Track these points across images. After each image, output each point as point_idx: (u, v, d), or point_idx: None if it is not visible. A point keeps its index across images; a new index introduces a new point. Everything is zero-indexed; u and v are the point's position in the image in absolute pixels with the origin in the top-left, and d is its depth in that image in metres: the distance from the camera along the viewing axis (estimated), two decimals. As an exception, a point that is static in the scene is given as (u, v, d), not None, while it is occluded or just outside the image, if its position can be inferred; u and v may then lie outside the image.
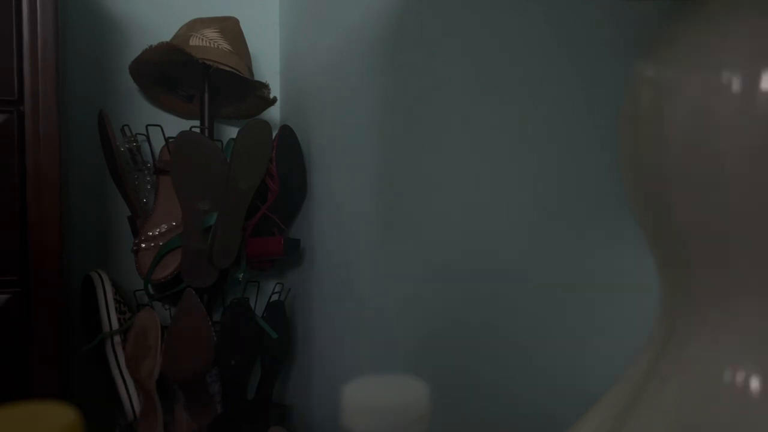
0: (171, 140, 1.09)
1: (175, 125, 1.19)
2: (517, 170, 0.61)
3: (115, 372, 1.07)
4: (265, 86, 1.13)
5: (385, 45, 0.84)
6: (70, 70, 1.16)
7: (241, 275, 1.12)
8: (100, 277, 1.09)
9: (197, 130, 1.12)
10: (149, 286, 1.09)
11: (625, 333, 0.49)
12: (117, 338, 1.08)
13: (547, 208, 0.57)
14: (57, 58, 0.86)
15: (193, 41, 1.09)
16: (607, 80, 0.50)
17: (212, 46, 1.09)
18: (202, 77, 1.13)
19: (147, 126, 1.16)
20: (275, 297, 1.20)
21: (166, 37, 1.12)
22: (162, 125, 1.15)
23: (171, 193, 1.10)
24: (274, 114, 1.28)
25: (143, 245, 1.10)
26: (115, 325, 1.07)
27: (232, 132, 1.25)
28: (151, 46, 1.07)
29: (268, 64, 1.30)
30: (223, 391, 1.12)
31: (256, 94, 1.15)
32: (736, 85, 0.25)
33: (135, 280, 1.15)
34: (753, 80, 0.25)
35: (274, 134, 1.14)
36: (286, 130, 1.15)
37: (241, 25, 1.17)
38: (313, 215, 1.13)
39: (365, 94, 0.90)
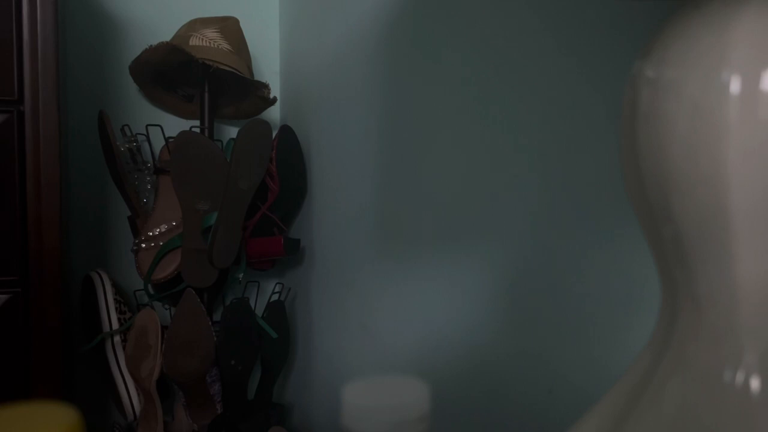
0: (171, 140, 1.09)
1: (175, 125, 1.19)
2: (518, 171, 0.61)
3: (115, 372, 1.07)
4: (265, 86, 1.13)
5: (385, 45, 0.84)
6: (70, 70, 1.16)
7: (241, 275, 1.12)
8: (100, 277, 1.09)
9: (197, 130, 1.12)
10: (149, 286, 1.09)
11: (625, 333, 0.49)
12: (117, 338, 1.08)
13: (546, 207, 0.57)
14: (57, 58, 0.86)
15: (193, 41, 1.09)
16: (607, 80, 0.50)
17: (212, 46, 1.09)
18: (202, 77, 1.13)
19: (147, 126, 1.16)
20: (275, 297, 1.20)
21: (166, 37, 1.12)
22: (162, 125, 1.15)
23: (171, 193, 1.10)
24: (274, 114, 1.28)
25: (143, 245, 1.10)
26: (115, 325, 1.07)
27: (232, 132, 1.25)
28: (151, 46, 1.07)
29: (268, 64, 1.30)
30: (223, 391, 1.12)
31: (256, 94, 1.15)
32: (735, 85, 0.25)
33: (135, 280, 1.15)
34: (753, 80, 0.25)
35: (274, 134, 1.14)
36: (286, 130, 1.15)
37: (241, 25, 1.16)
38: (313, 215, 1.13)
39: (365, 94, 0.90)
